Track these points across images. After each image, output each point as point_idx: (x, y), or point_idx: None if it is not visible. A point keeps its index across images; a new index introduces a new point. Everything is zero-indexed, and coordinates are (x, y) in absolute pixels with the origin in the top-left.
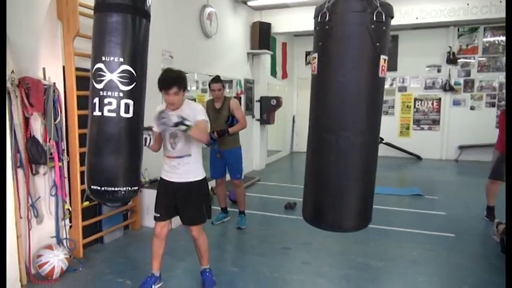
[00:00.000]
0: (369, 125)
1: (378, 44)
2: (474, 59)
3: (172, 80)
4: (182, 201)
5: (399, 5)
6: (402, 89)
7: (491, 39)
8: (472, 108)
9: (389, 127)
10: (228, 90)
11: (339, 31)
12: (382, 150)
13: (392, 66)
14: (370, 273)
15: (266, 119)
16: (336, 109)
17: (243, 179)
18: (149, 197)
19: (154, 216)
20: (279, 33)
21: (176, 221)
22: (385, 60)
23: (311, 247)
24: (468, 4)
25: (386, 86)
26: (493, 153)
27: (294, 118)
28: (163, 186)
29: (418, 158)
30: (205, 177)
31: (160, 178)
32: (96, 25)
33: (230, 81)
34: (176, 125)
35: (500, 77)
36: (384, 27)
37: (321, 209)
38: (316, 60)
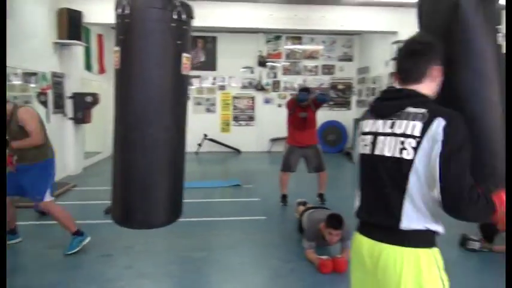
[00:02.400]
0: (174, 120)
1: (179, 42)
2: (280, 63)
3: None
4: None
5: (215, 8)
6: (222, 87)
7: (291, 47)
8: (279, 105)
9: (211, 124)
10: (33, 85)
11: (140, 26)
12: (207, 146)
13: (212, 66)
14: (193, 265)
15: (81, 117)
16: (140, 106)
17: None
18: None
19: None
20: (94, 24)
21: None
22: (187, 58)
23: (133, 250)
24: (272, 15)
25: (208, 84)
26: (284, 147)
27: None
28: None
29: (238, 151)
30: None
31: None
32: None
33: (33, 74)
34: None
35: (299, 79)
36: (185, 27)
37: (130, 208)
38: (118, 55)
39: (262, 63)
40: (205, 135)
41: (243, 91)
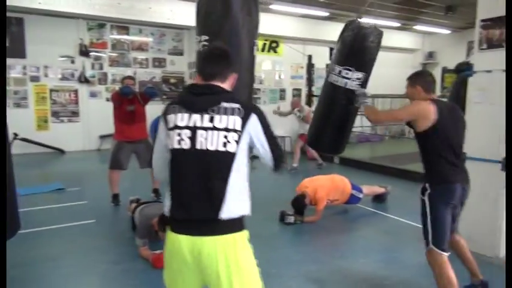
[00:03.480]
0: None
1: None
2: (105, 53)
3: None
4: None
5: None
6: (35, 78)
7: (118, 36)
8: (107, 99)
9: (24, 121)
10: None
11: None
12: (19, 147)
13: (21, 53)
14: None
15: None
16: None
17: None
18: None
19: None
20: None
21: None
22: None
23: None
24: (91, 0)
25: (17, 74)
26: (111, 144)
27: None
28: None
29: (61, 151)
30: None
31: None
32: None
33: None
34: None
35: (129, 72)
36: None
37: None
38: None
39: (84, 52)
40: (16, 135)
41: (63, 83)
